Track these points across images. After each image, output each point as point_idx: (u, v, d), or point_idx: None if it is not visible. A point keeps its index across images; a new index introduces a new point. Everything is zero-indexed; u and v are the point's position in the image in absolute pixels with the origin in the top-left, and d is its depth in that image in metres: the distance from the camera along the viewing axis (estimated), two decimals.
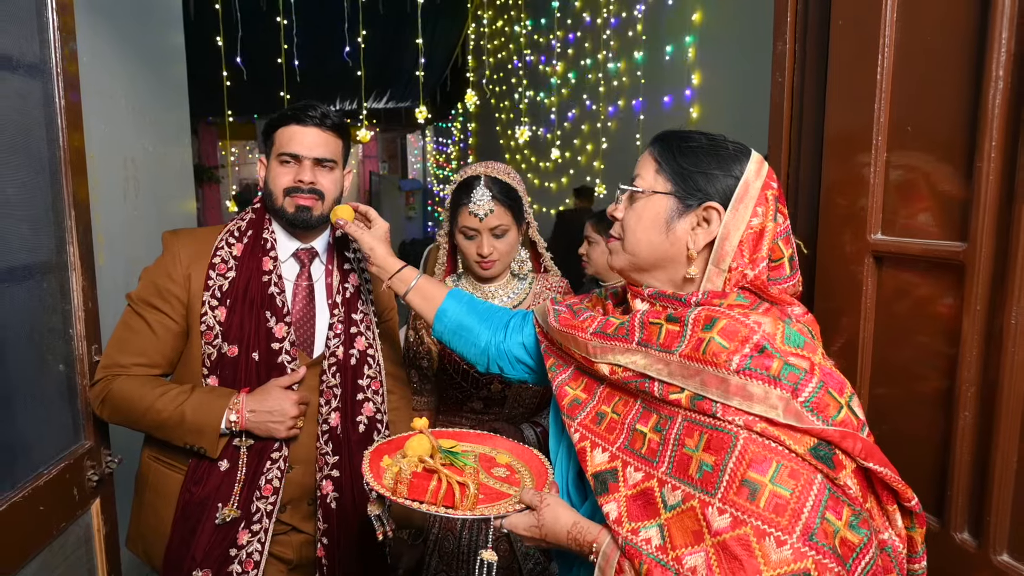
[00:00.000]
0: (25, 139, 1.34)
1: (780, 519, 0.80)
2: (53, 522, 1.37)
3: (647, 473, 0.94)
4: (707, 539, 0.83)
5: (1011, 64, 0.91)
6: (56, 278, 1.43)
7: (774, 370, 0.86)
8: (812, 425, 0.83)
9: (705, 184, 0.99)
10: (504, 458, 1.22)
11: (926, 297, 1.06)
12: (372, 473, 1.10)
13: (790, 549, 0.79)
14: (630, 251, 1.04)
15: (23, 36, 1.33)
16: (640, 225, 1.03)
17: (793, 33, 1.33)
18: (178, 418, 1.41)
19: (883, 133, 1.10)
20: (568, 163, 7.46)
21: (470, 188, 1.62)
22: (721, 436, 0.87)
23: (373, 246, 1.44)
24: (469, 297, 1.43)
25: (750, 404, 0.86)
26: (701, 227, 0.99)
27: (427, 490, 1.04)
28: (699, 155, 1.01)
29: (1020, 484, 0.93)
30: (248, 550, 1.44)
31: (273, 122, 1.52)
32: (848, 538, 0.81)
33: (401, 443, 1.18)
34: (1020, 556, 0.94)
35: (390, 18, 6.97)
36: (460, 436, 1.28)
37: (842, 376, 0.91)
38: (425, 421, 1.17)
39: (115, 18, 2.63)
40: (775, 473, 0.82)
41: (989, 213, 0.94)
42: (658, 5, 5.45)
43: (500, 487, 1.12)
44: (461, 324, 1.38)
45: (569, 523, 0.98)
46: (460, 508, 1.03)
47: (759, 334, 0.90)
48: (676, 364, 0.93)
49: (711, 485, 0.85)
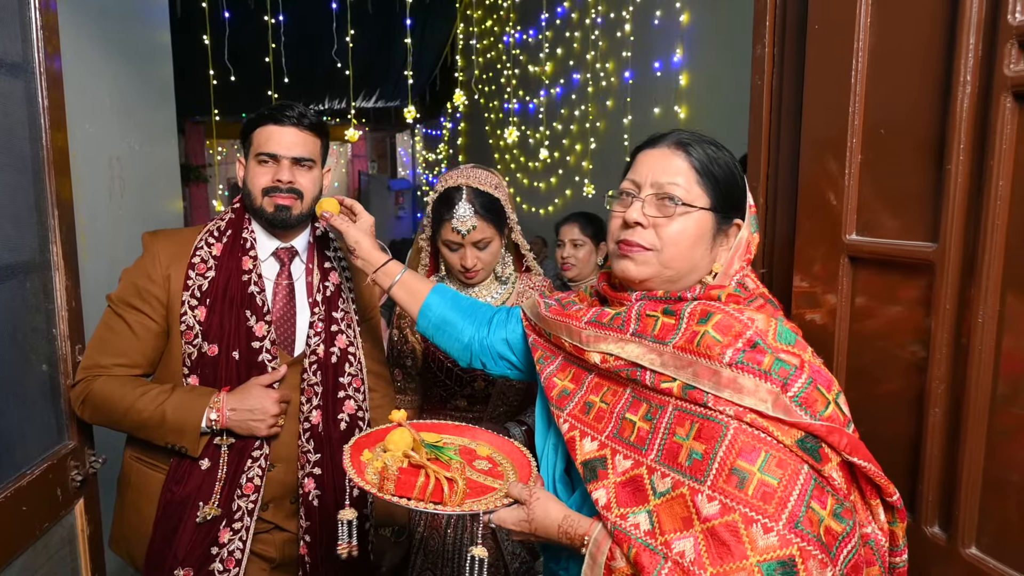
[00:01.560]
0: (7, 138, 1.34)
1: (767, 507, 0.83)
2: (36, 522, 1.37)
3: (636, 461, 0.95)
4: (696, 525, 0.85)
5: (978, 68, 0.93)
6: (39, 277, 1.43)
7: (765, 365, 0.89)
8: (800, 419, 0.86)
9: (737, 202, 1.05)
10: (485, 450, 1.21)
11: (899, 297, 1.08)
12: (355, 468, 1.08)
13: (776, 536, 0.81)
14: (667, 263, 1.03)
15: (5, 35, 1.33)
16: (685, 238, 1.02)
17: (772, 37, 1.35)
18: (159, 418, 1.41)
19: (858, 135, 1.12)
20: (557, 163, 7.48)
21: (452, 203, 1.61)
22: (712, 425, 0.89)
23: (359, 239, 1.43)
24: (453, 293, 1.43)
25: (740, 396, 0.88)
26: (727, 242, 1.05)
27: (415, 486, 1.02)
28: (732, 172, 1.05)
29: (988, 479, 0.95)
30: (230, 548, 1.44)
31: (251, 122, 1.52)
32: (832, 527, 0.84)
33: (381, 436, 1.16)
34: (988, 549, 0.96)
35: (379, 17, 6.96)
36: (438, 428, 1.27)
37: (830, 374, 0.94)
38: (403, 413, 1.15)
39: (100, 17, 2.61)
40: (763, 462, 0.85)
41: (958, 214, 0.96)
42: (646, 6, 5.47)
43: (483, 480, 1.11)
44: (445, 319, 1.38)
45: (560, 517, 0.99)
46: (448, 504, 1.02)
47: (752, 330, 0.93)
48: (669, 355, 0.96)
49: (701, 472, 0.87)
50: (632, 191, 1.05)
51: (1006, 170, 0.90)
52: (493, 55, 9.17)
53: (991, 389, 0.94)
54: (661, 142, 1.07)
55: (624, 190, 1.07)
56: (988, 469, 0.96)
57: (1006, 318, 0.92)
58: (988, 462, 0.95)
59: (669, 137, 1.07)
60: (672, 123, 5.06)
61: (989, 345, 0.93)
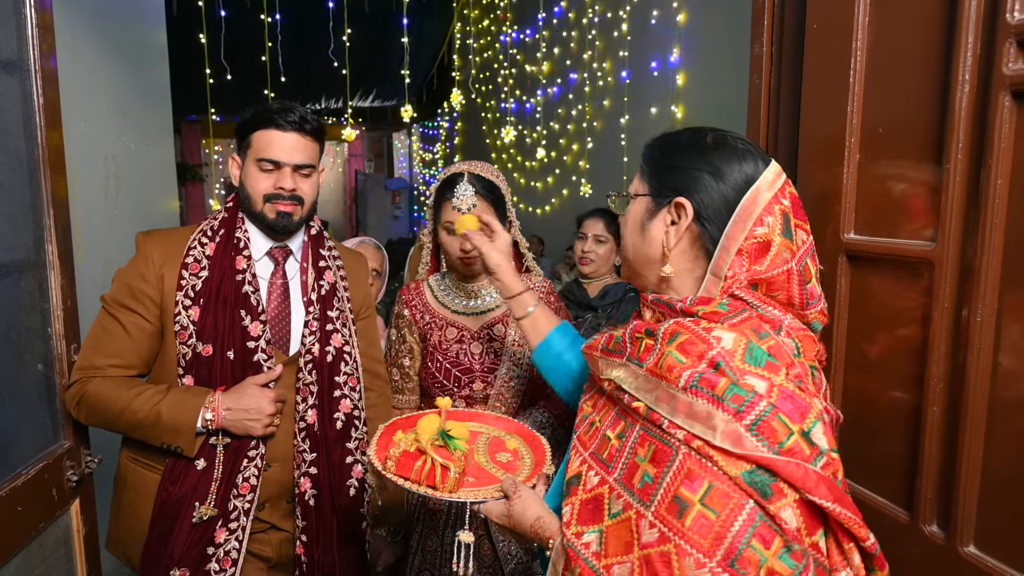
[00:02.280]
0: (3, 137, 1.33)
1: (703, 541, 0.79)
2: (32, 522, 1.36)
3: (602, 478, 0.95)
4: (635, 551, 0.84)
5: (977, 67, 0.93)
6: (34, 276, 1.42)
7: (719, 389, 0.83)
8: (749, 451, 0.80)
9: (676, 180, 0.96)
10: (513, 444, 1.27)
11: (897, 295, 1.09)
12: (378, 446, 1.19)
13: (708, 572, 0.78)
14: (622, 254, 1.07)
15: (0, 33, 1.32)
16: (626, 229, 1.05)
17: (770, 36, 1.35)
18: (154, 418, 1.41)
19: (856, 135, 1.12)
20: (554, 163, 7.48)
21: (453, 184, 1.63)
22: (665, 448, 0.86)
23: (499, 263, 1.39)
24: (575, 334, 1.40)
25: (692, 424, 0.84)
26: (674, 225, 0.96)
27: (412, 468, 1.10)
28: (674, 152, 0.98)
29: (986, 478, 0.96)
30: (226, 548, 1.44)
31: (249, 122, 1.50)
32: (776, 569, 0.78)
33: (416, 421, 1.23)
34: (986, 547, 0.96)
35: (376, 16, 6.95)
36: (480, 418, 1.34)
37: (808, 402, 0.83)
38: (448, 401, 1.23)
39: (96, 15, 2.60)
40: (705, 493, 0.81)
41: (956, 213, 0.96)
42: (643, 6, 5.48)
43: (494, 471, 1.17)
44: (560, 356, 1.36)
45: (533, 517, 1.02)
46: (441, 490, 1.08)
47: (716, 350, 0.86)
48: (642, 377, 0.93)
49: (647, 497, 0.86)
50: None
51: (1005, 169, 0.90)
52: (490, 54, 9.18)
53: (989, 388, 0.94)
54: None
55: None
56: (986, 468, 0.96)
57: (1004, 316, 0.92)
58: (986, 461, 0.96)
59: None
60: (669, 123, 5.06)
61: (988, 343, 0.93)
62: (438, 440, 1.15)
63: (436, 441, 1.14)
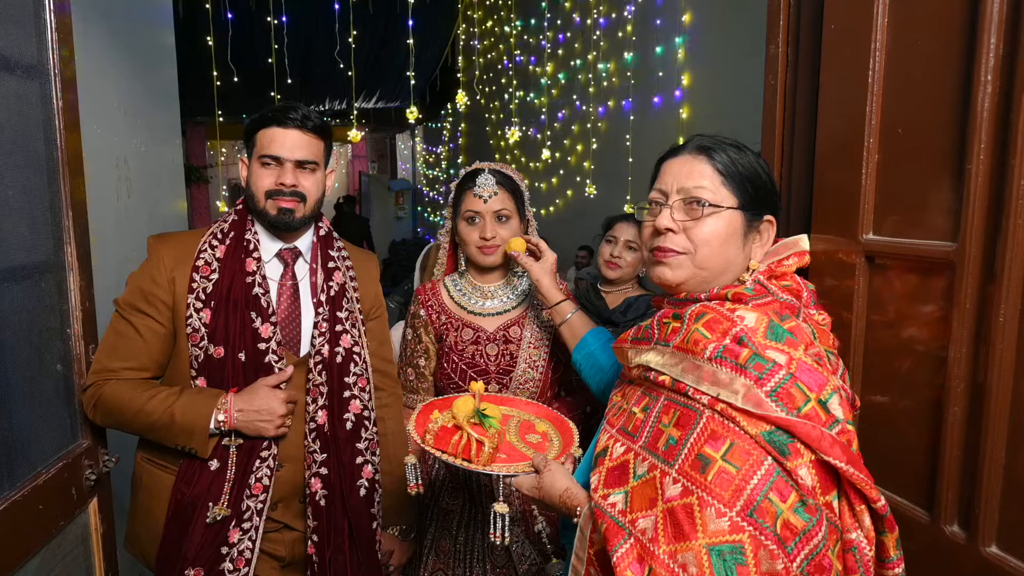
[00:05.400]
0: (23, 140, 1.34)
1: (724, 493, 0.85)
2: (52, 521, 1.37)
3: (627, 447, 1.02)
4: (659, 505, 0.90)
5: (999, 68, 0.93)
6: (54, 278, 1.43)
7: (742, 359, 0.91)
8: (768, 412, 0.87)
9: (766, 199, 1.08)
10: (543, 427, 1.37)
11: (917, 296, 1.09)
12: (417, 422, 1.30)
13: (728, 521, 0.83)
14: (702, 264, 1.06)
15: (21, 37, 1.33)
16: (716, 238, 1.05)
17: (786, 36, 1.35)
18: (168, 420, 1.42)
19: (875, 135, 1.12)
20: (558, 163, 7.48)
21: (475, 175, 1.71)
22: (689, 413, 0.94)
23: (540, 278, 1.59)
24: (608, 336, 1.52)
25: (717, 390, 0.91)
26: (760, 238, 1.08)
27: (449, 443, 1.19)
28: (757, 170, 1.07)
29: (1008, 477, 0.96)
30: (239, 548, 1.45)
31: (254, 123, 1.52)
32: (791, 521, 0.84)
33: (452, 402, 1.31)
34: (1008, 547, 0.96)
35: (380, 18, 6.96)
36: (511, 402, 1.45)
37: (825, 376, 0.92)
38: (482, 385, 1.33)
39: (106, 19, 2.61)
40: (727, 450, 0.87)
41: (978, 214, 0.96)
42: (648, 6, 5.48)
43: (524, 450, 1.28)
44: (594, 355, 1.51)
45: (562, 488, 1.08)
46: (476, 463, 1.17)
47: (739, 327, 0.95)
48: (668, 354, 1.01)
49: (672, 456, 0.92)
50: (660, 200, 1.10)
51: None
52: (494, 55, 9.18)
53: (1012, 387, 0.94)
54: (683, 150, 1.11)
55: (652, 200, 1.11)
56: (1008, 467, 0.96)
57: None
58: (1009, 460, 0.96)
59: (690, 144, 1.11)
60: (674, 124, 5.07)
61: (1010, 343, 0.93)
62: (474, 418, 1.22)
63: (472, 419, 1.22)
